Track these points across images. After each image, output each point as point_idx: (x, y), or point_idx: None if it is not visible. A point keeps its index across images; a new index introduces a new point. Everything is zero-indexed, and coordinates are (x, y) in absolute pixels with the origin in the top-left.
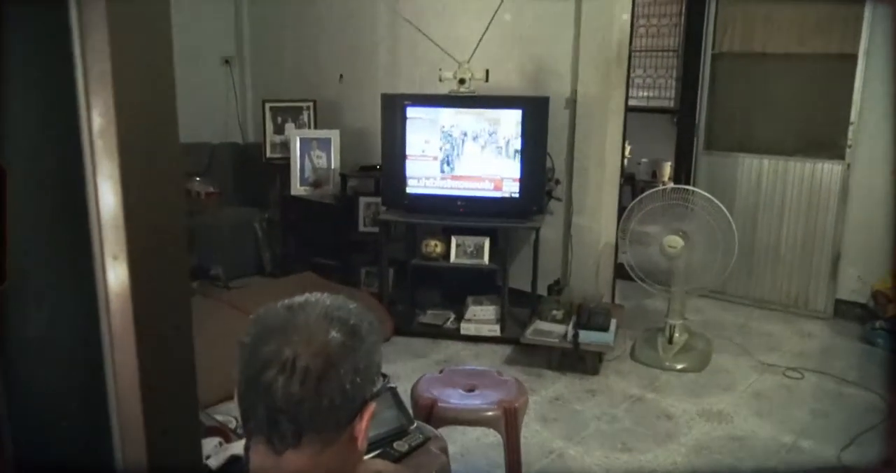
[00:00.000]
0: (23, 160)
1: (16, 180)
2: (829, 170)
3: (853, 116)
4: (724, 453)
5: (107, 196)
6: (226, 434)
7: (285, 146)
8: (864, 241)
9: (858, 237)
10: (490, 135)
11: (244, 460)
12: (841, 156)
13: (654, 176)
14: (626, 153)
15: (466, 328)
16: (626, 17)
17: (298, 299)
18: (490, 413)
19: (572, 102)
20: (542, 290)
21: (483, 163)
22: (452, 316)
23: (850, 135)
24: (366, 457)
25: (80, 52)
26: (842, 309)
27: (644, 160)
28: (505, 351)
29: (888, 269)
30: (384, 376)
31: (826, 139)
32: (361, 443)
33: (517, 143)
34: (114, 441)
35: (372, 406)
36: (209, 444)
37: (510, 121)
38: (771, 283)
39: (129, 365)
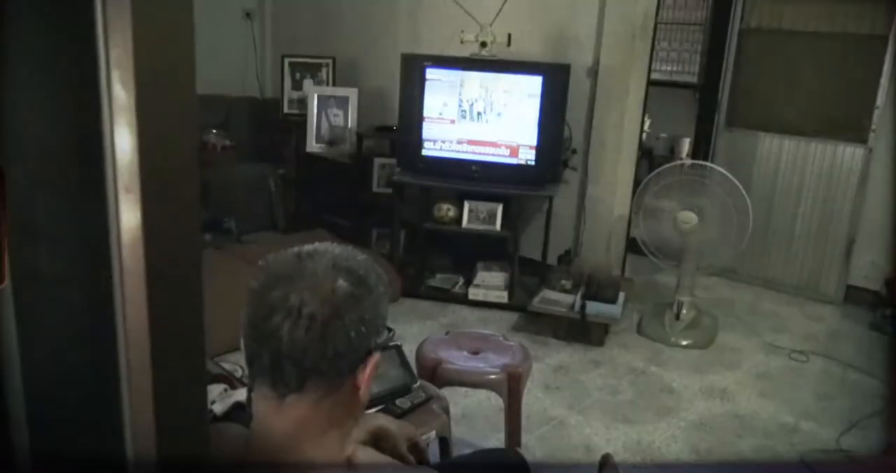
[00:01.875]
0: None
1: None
2: (850, 153)
3: (879, 100)
4: (724, 430)
5: (123, 136)
6: (230, 382)
7: (303, 102)
8: (881, 228)
9: (875, 223)
10: (509, 100)
11: (247, 403)
12: (863, 140)
13: (673, 151)
14: (646, 127)
15: (475, 293)
16: None
17: (308, 247)
18: (493, 377)
19: (594, 72)
20: (552, 260)
21: (500, 128)
22: (461, 281)
23: (874, 118)
24: (368, 412)
25: None
26: (853, 295)
27: (663, 135)
28: (512, 317)
29: None
30: (389, 329)
31: (849, 121)
32: (363, 393)
33: (536, 110)
34: (121, 380)
35: (376, 357)
36: (214, 390)
37: (530, 87)
38: (783, 265)
39: (138, 301)
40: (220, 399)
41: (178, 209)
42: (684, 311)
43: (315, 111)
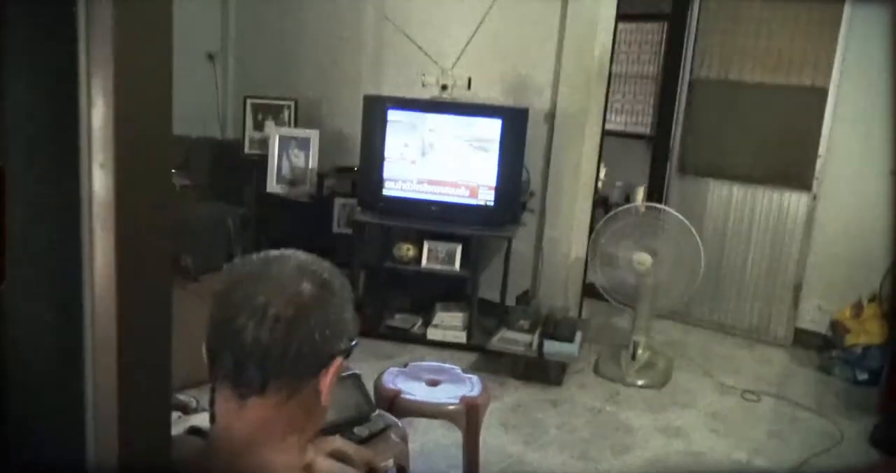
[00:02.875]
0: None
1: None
2: (795, 200)
3: (821, 149)
4: (679, 467)
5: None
6: (185, 409)
7: (264, 143)
8: (827, 272)
9: (820, 267)
10: (469, 142)
11: (209, 405)
12: (808, 188)
13: (628, 199)
14: (602, 176)
15: (433, 333)
16: (608, 37)
17: (273, 252)
18: (452, 407)
19: (551, 117)
20: (510, 301)
21: (460, 169)
22: (420, 321)
23: (817, 166)
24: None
25: None
26: (801, 338)
27: (619, 183)
28: (470, 357)
29: (849, 300)
30: (352, 339)
31: (794, 170)
32: (326, 398)
33: (495, 152)
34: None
35: (339, 361)
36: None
37: (489, 129)
38: (734, 309)
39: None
40: (174, 423)
41: (152, 243)
42: (640, 352)
43: (276, 151)
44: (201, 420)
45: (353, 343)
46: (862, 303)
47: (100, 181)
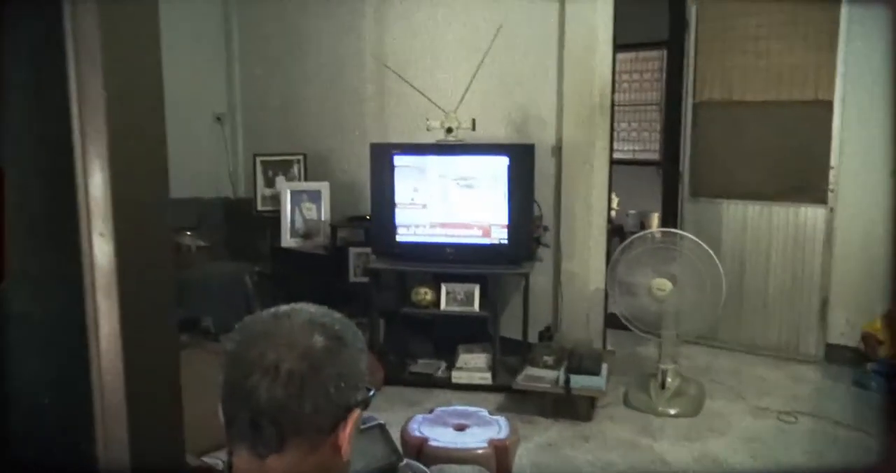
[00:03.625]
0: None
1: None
2: (812, 214)
3: (833, 161)
4: None
5: (99, 244)
6: (212, 472)
7: (276, 199)
8: (851, 284)
9: (845, 280)
10: (478, 182)
11: (226, 468)
12: (823, 200)
13: (643, 226)
14: (615, 205)
15: (458, 376)
16: (607, 67)
17: (283, 307)
18: (480, 452)
19: (557, 150)
20: (532, 338)
21: (471, 210)
22: (444, 365)
23: (831, 179)
24: None
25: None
26: (833, 353)
27: (632, 212)
28: (497, 398)
29: (877, 312)
30: (369, 389)
31: (808, 183)
32: (346, 451)
33: (504, 190)
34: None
35: (357, 414)
36: None
37: (497, 168)
38: (761, 329)
39: (117, 406)
40: None
41: (155, 309)
42: (669, 380)
43: (288, 206)
44: None
45: (371, 393)
46: (893, 314)
47: (101, 250)
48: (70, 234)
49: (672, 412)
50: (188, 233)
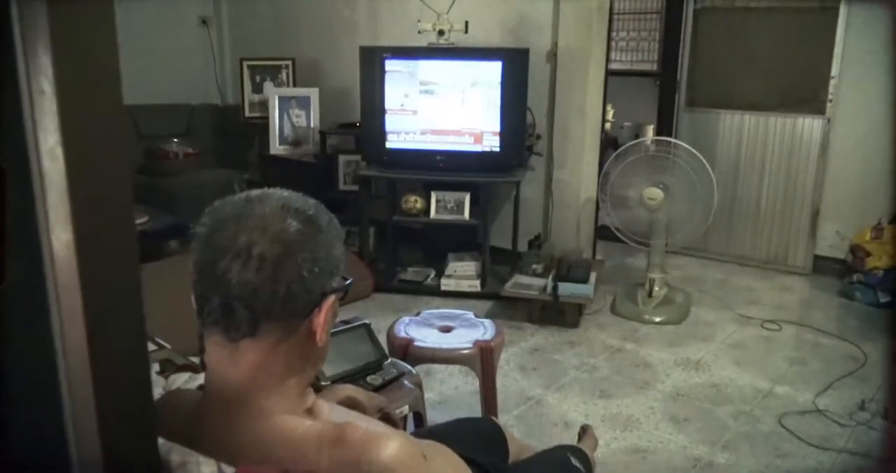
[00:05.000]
0: None
1: None
2: (809, 125)
3: (834, 70)
4: (701, 399)
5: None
6: (195, 369)
7: (264, 105)
8: (843, 197)
9: (837, 192)
10: (470, 87)
11: (199, 353)
12: (822, 111)
13: (637, 138)
14: (609, 116)
15: (447, 284)
16: None
17: (255, 191)
18: (465, 352)
19: (553, 56)
20: (522, 247)
21: (463, 116)
22: (433, 273)
23: (830, 89)
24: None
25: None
26: (821, 265)
27: (627, 124)
28: (485, 305)
29: (869, 224)
30: (346, 278)
31: (807, 94)
32: (321, 337)
33: (497, 96)
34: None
35: (331, 300)
36: (180, 379)
37: (490, 73)
38: (751, 240)
39: (75, 315)
40: (184, 384)
41: (112, 220)
42: (656, 288)
43: (277, 113)
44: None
45: (348, 281)
46: (882, 225)
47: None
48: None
49: (658, 319)
50: (175, 140)
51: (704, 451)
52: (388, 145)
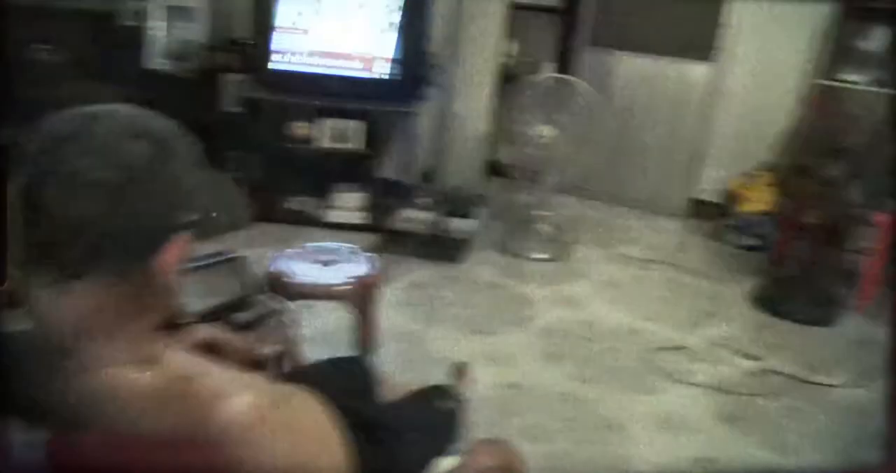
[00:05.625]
0: None
1: None
2: (700, 71)
3: (725, 18)
4: (575, 335)
5: None
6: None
7: (143, 14)
8: (729, 144)
9: (723, 139)
10: (366, 9)
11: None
12: (711, 58)
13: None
14: (513, 52)
15: (333, 215)
16: None
17: (100, 106)
18: (343, 288)
19: None
20: (413, 180)
21: (355, 40)
22: (320, 204)
23: (720, 37)
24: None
25: None
26: (700, 209)
27: (528, 60)
28: (371, 238)
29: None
30: (201, 214)
31: (698, 39)
32: (167, 280)
33: (395, 20)
34: None
35: (182, 239)
36: None
37: None
38: (635, 182)
39: None
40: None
41: None
42: (542, 226)
43: (158, 22)
44: None
45: (200, 217)
46: (754, 172)
47: None
48: None
49: (541, 257)
50: (43, 47)
51: (576, 386)
52: (272, 66)
